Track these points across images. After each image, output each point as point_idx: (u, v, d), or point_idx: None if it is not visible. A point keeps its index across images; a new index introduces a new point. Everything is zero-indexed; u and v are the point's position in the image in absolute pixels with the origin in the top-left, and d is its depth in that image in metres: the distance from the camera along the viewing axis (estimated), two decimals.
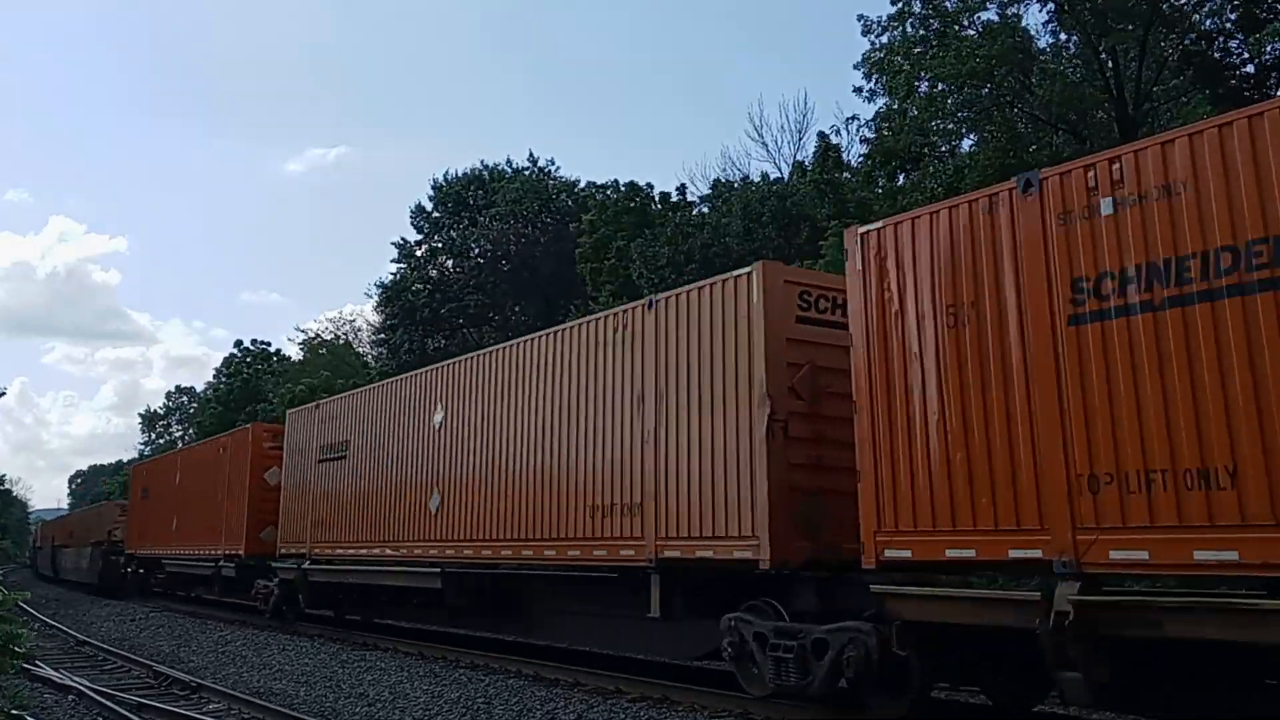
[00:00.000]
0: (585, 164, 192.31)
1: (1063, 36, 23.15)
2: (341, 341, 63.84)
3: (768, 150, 47.58)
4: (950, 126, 23.82)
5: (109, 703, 11.68)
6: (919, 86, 22.83)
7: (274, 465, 21.35)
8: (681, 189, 38.16)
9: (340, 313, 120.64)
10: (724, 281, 10.36)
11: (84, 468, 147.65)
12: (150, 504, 30.41)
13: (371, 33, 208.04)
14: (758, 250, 26.56)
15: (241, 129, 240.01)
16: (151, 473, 32.51)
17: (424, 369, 16.69)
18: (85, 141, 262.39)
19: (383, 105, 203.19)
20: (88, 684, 12.99)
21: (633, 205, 34.62)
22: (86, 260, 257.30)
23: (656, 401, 10.83)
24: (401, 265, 45.35)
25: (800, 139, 38.00)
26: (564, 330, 13.01)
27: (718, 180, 36.95)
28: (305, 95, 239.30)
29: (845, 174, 30.52)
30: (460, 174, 45.71)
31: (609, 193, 38.86)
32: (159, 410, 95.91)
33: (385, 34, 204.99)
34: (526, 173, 45.06)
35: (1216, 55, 20.77)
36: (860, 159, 29.07)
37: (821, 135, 31.73)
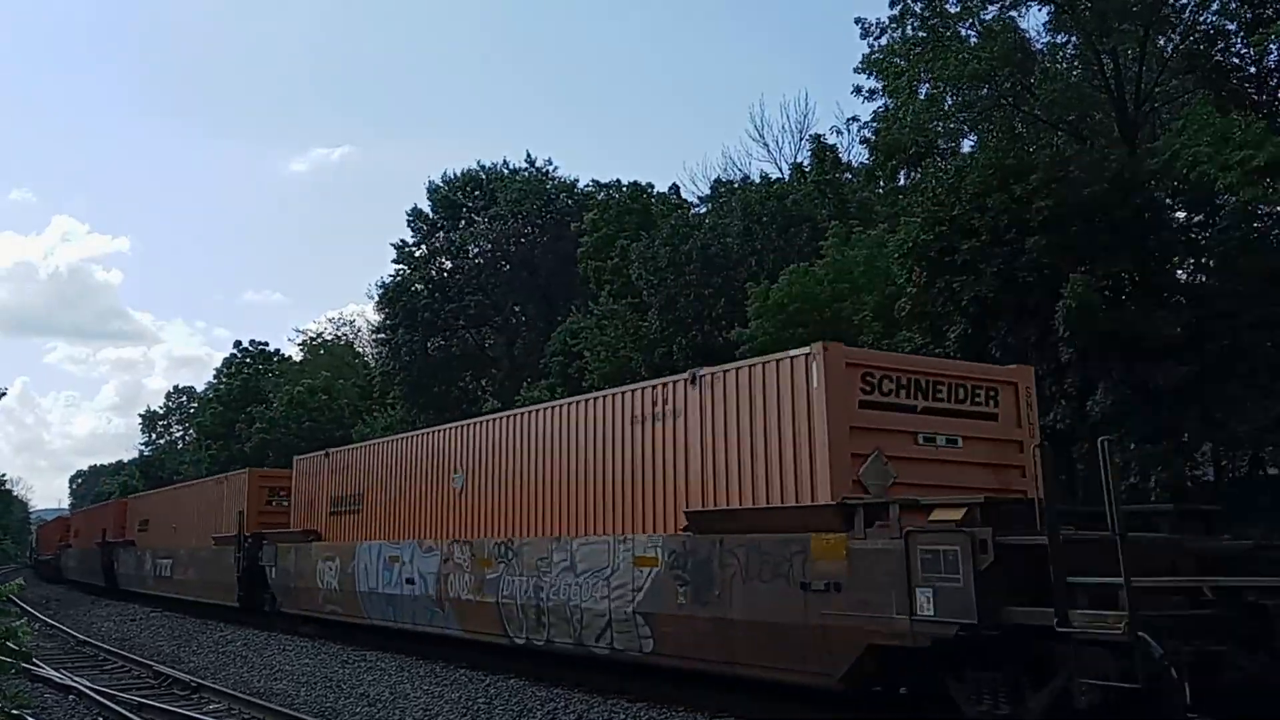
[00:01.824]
0: (586, 164, 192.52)
1: (1061, 37, 23.09)
2: (342, 342, 63.94)
3: (769, 150, 47.50)
4: (951, 126, 23.76)
5: (109, 703, 11.69)
6: (919, 88, 22.79)
7: None
8: (674, 189, 38.21)
9: (340, 313, 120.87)
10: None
11: (84, 468, 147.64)
12: None
13: (374, 32, 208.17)
14: (758, 250, 26.52)
15: (245, 129, 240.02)
16: None
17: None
18: (89, 142, 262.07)
19: (386, 105, 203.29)
20: (88, 684, 13.00)
21: (635, 206, 34.60)
22: (89, 260, 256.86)
23: None
24: (401, 267, 45.29)
25: (801, 139, 37.93)
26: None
27: (718, 180, 36.96)
28: (308, 95, 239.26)
29: (846, 174, 30.48)
30: (455, 175, 45.61)
31: (611, 192, 38.83)
32: (159, 410, 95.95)
33: (388, 33, 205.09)
34: (524, 173, 44.99)
35: (1218, 56, 20.71)
36: (861, 161, 29.07)
37: (816, 138, 31.74)
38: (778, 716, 9.96)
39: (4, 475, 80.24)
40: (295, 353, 64.80)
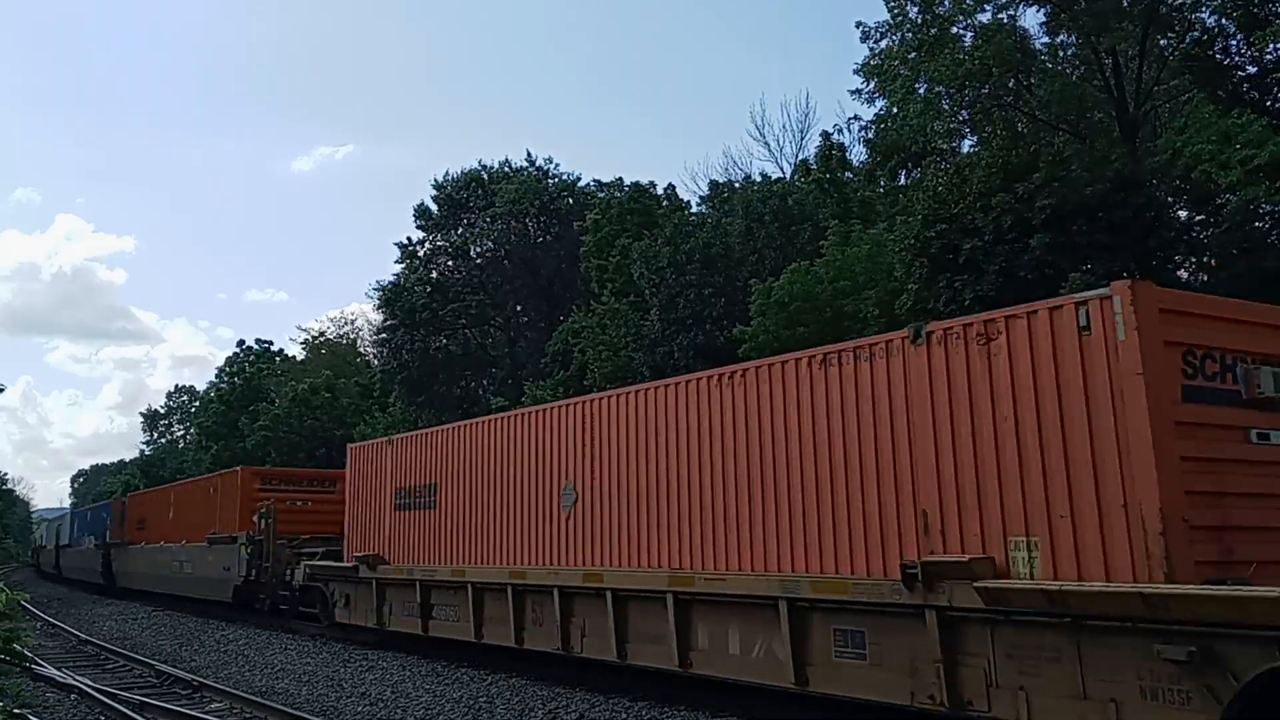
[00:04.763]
0: (587, 163, 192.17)
1: (1060, 37, 23.08)
2: (344, 341, 63.95)
3: (770, 150, 47.53)
4: (951, 127, 23.78)
5: (111, 702, 11.71)
6: (918, 89, 22.81)
7: None
8: (670, 188, 38.22)
9: (342, 312, 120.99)
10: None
11: (86, 467, 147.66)
12: None
13: (377, 31, 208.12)
14: (759, 250, 26.50)
15: (249, 128, 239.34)
16: None
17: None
18: (93, 141, 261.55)
19: (389, 104, 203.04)
20: (90, 683, 13.02)
21: (637, 206, 34.59)
22: (93, 259, 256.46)
23: None
24: (403, 266, 45.27)
25: (802, 138, 38.03)
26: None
27: (714, 182, 36.99)
28: (312, 94, 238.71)
29: (848, 174, 30.46)
30: (457, 174, 45.60)
31: (614, 192, 38.83)
32: (160, 410, 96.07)
33: (391, 33, 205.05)
34: (525, 172, 44.96)
35: (1217, 55, 20.69)
36: (862, 161, 29.06)
37: (825, 135, 31.71)
38: (778, 716, 9.96)
39: (5, 474, 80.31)
40: (298, 352, 64.92)
